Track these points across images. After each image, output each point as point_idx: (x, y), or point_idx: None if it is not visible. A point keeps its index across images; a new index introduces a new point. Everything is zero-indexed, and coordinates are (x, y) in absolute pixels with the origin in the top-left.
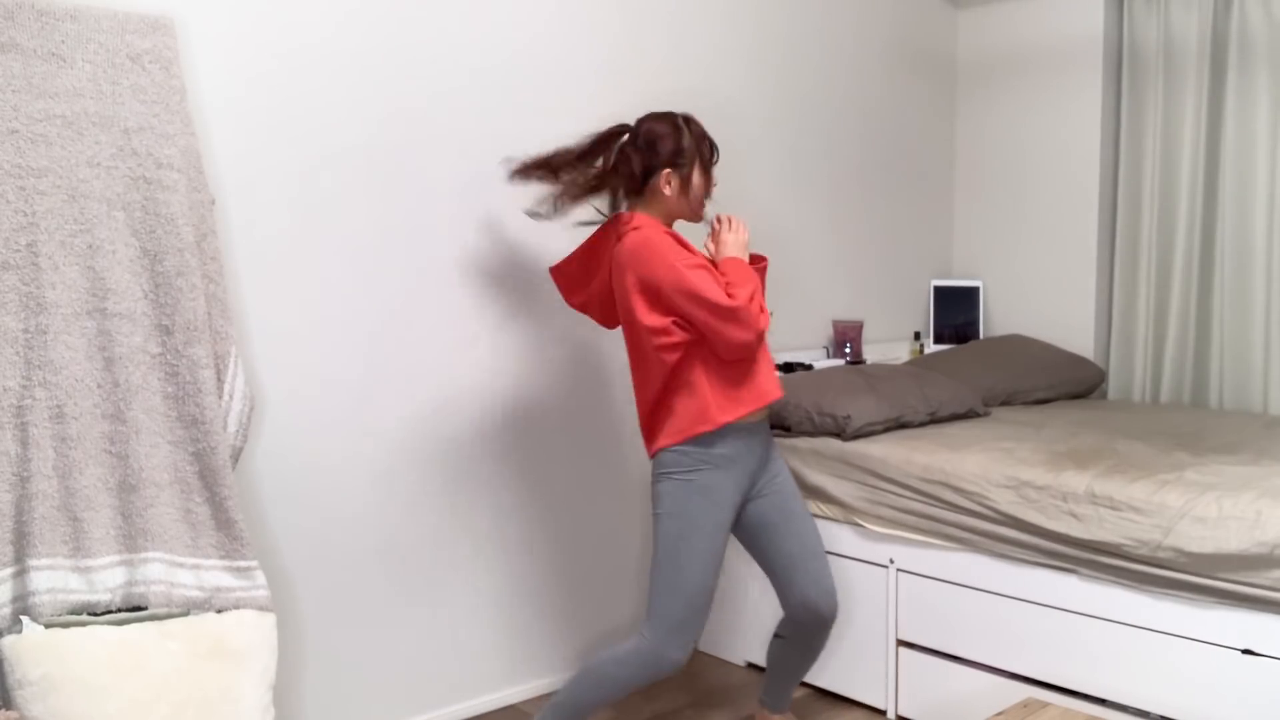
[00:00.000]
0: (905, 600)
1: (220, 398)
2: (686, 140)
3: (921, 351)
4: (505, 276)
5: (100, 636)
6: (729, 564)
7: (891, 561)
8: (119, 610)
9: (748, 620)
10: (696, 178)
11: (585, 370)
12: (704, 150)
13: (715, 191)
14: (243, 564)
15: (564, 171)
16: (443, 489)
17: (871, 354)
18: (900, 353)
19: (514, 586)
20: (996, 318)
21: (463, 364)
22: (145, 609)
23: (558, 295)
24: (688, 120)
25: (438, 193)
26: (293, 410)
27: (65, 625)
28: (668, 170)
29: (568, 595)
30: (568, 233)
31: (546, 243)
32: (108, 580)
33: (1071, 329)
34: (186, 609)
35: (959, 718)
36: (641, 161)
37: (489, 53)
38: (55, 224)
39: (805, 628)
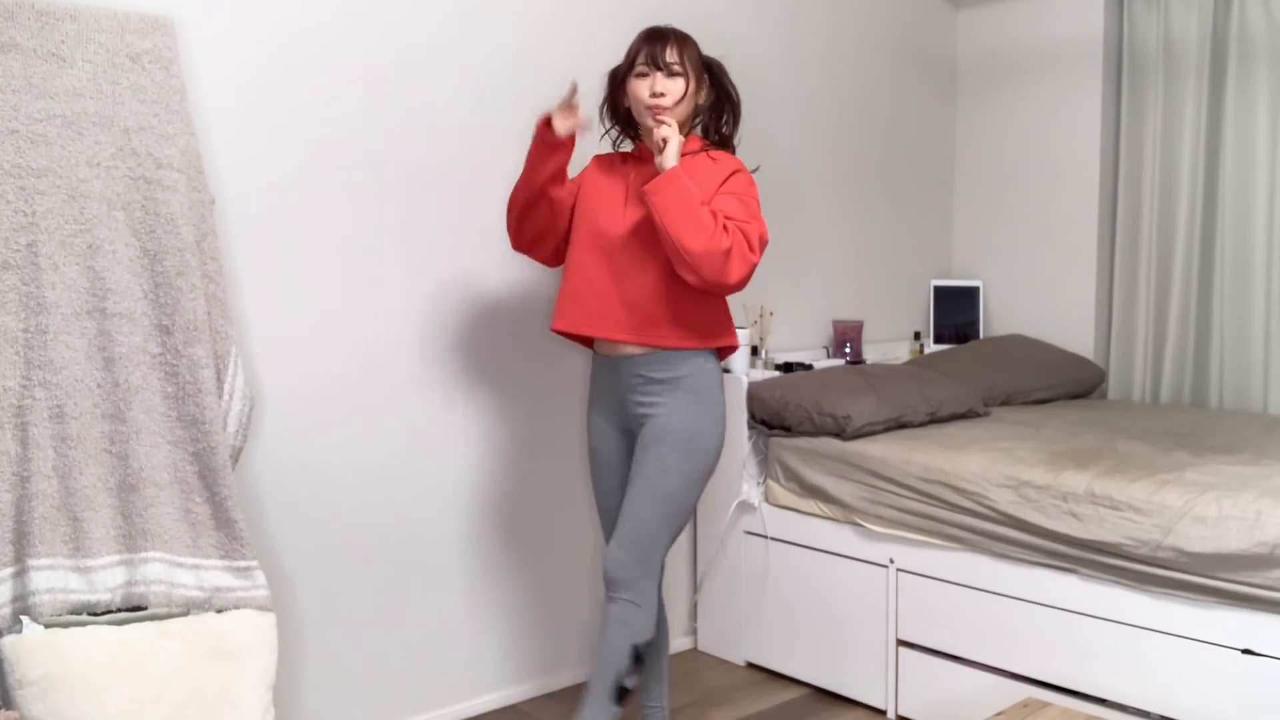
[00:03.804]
0: (905, 600)
1: (220, 398)
2: (628, 51)
3: (921, 351)
4: (507, 275)
5: (100, 636)
6: (725, 564)
7: (891, 561)
8: (119, 610)
9: (748, 620)
10: (630, 84)
11: (589, 365)
12: (632, 53)
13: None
14: (243, 564)
15: None
16: (443, 488)
17: (871, 354)
18: (900, 353)
19: (514, 586)
20: (996, 318)
21: (464, 363)
22: (145, 609)
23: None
24: (646, 28)
25: (438, 192)
26: (293, 410)
27: (65, 625)
28: (623, 85)
29: (569, 595)
30: None
31: None
32: (108, 580)
33: (1071, 329)
34: (186, 609)
35: (959, 718)
36: None
37: (489, 52)
38: (55, 224)
39: None
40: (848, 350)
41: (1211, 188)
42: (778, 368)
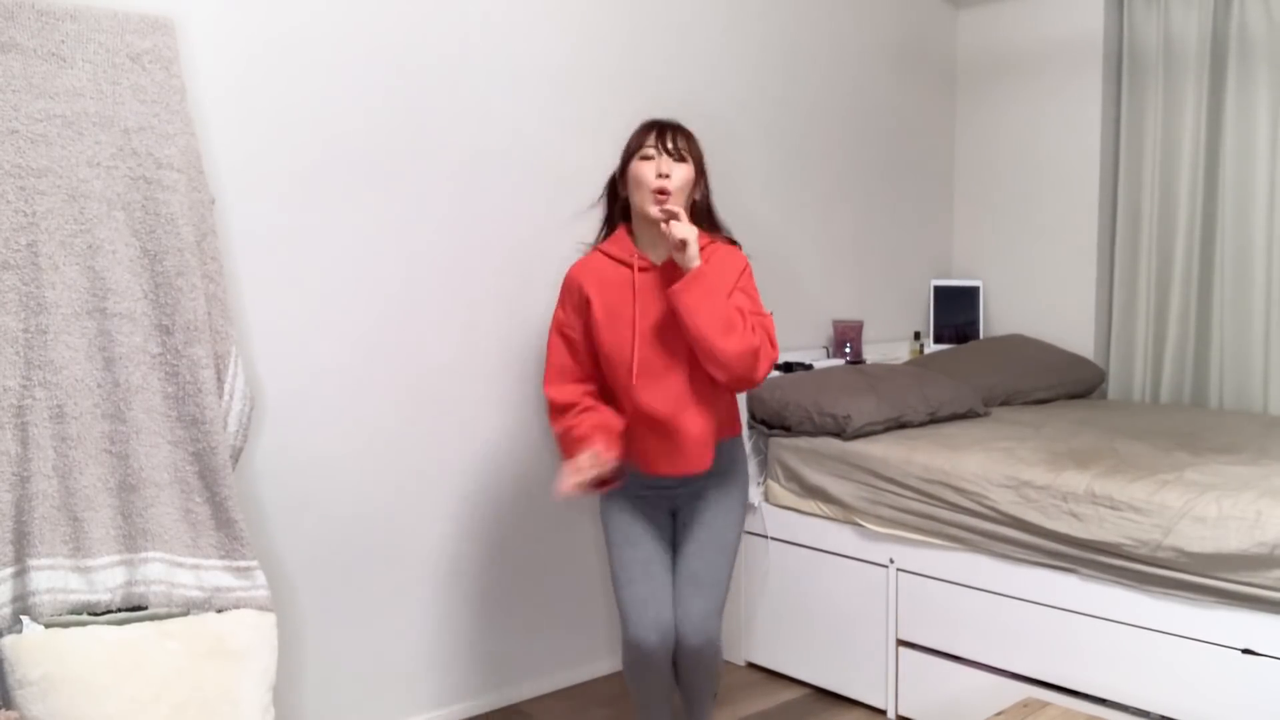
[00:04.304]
0: (905, 600)
1: (220, 398)
2: (632, 139)
3: (921, 351)
4: (506, 277)
5: (100, 636)
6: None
7: (891, 561)
8: (119, 610)
9: (747, 620)
10: (634, 167)
11: None
12: (637, 137)
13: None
14: (242, 564)
15: None
16: (443, 488)
17: (871, 354)
18: (900, 353)
19: (515, 586)
20: (996, 318)
21: (462, 364)
22: (145, 609)
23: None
24: (650, 119)
25: (437, 193)
26: (293, 410)
27: (65, 625)
28: (623, 173)
29: (570, 595)
30: (567, 232)
31: (547, 243)
32: (108, 580)
33: (1071, 329)
34: (186, 609)
35: (959, 718)
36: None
37: (489, 55)
38: (55, 224)
39: (676, 651)
40: (848, 350)
41: (1211, 188)
42: (778, 368)
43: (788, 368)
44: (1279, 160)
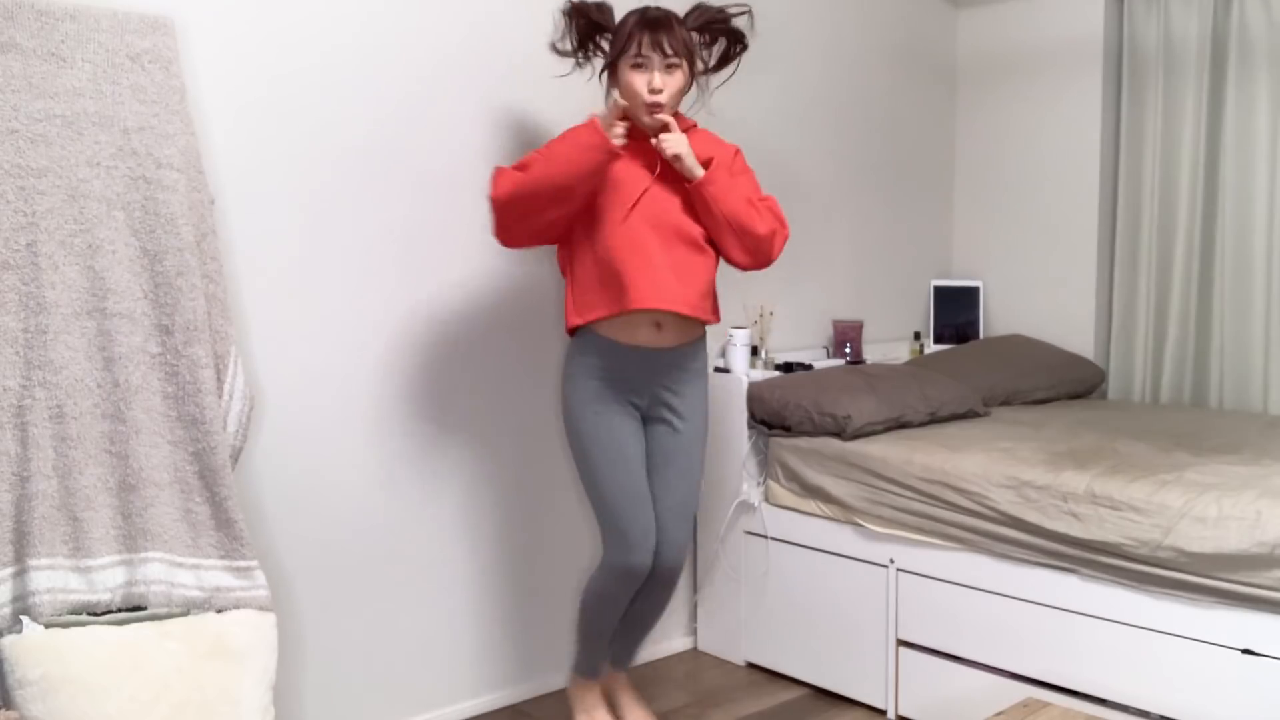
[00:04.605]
0: (905, 600)
1: (220, 398)
2: (621, 32)
3: (921, 351)
4: (506, 276)
5: (100, 636)
6: (725, 564)
7: (891, 561)
8: (119, 610)
9: (748, 620)
10: (626, 75)
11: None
12: (630, 39)
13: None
14: (242, 564)
15: None
16: (443, 488)
17: (871, 354)
18: (900, 353)
19: (515, 585)
20: (996, 318)
21: (463, 362)
22: (145, 609)
23: (559, 296)
24: (641, 10)
25: (438, 192)
26: (293, 410)
27: (65, 625)
28: (613, 64)
29: (568, 594)
30: None
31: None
32: (108, 580)
33: (1071, 329)
34: (186, 609)
35: (959, 718)
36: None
37: (489, 52)
38: (55, 224)
39: (655, 575)
40: (848, 350)
41: (1211, 188)
42: (778, 368)
43: (788, 368)
44: (1279, 160)
